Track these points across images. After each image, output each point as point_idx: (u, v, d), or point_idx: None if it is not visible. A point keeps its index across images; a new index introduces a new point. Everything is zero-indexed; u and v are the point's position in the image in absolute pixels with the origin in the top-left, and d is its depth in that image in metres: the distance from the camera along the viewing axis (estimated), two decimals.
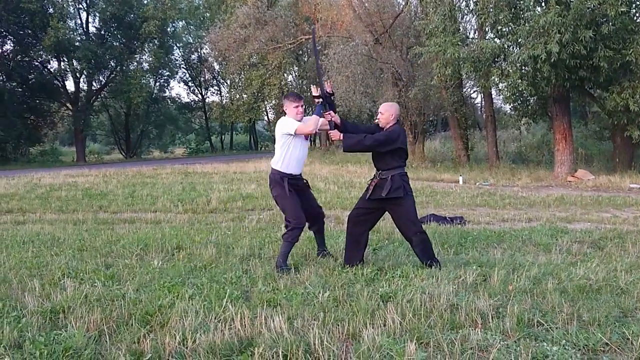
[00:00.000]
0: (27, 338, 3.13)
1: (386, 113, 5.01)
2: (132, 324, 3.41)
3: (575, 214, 8.85)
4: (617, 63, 12.85)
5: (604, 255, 5.54)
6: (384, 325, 3.38)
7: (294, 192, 5.11)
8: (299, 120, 5.15)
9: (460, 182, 14.43)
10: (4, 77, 32.74)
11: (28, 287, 4.26)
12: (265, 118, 47.69)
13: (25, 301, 3.87)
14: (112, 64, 36.84)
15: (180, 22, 44.44)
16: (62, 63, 34.86)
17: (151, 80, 41.30)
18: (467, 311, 3.60)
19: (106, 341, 3.12)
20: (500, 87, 16.08)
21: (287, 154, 5.14)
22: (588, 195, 11.16)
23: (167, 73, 43.00)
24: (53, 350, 2.95)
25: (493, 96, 21.43)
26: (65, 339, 3.10)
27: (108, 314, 3.57)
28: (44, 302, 3.87)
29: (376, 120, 5.12)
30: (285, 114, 5.31)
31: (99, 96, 38.95)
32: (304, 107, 5.39)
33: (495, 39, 14.67)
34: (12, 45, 33.15)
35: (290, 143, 5.13)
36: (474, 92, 32.58)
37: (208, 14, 41.93)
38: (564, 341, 3.12)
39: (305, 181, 5.39)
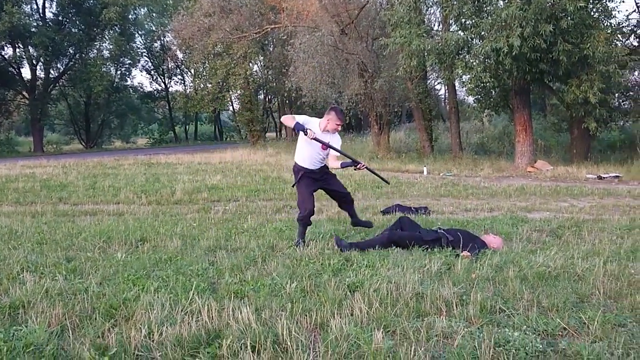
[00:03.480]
0: None
1: None
2: (95, 318, 3.34)
3: (534, 203, 9.11)
4: (575, 57, 13.23)
5: (562, 243, 5.72)
6: (351, 315, 3.41)
7: (307, 180, 5.74)
8: (324, 131, 5.60)
9: (425, 173, 14.65)
10: None
11: None
12: (230, 108, 47.19)
13: None
14: (71, 51, 35.75)
15: (142, 9, 43.39)
16: (17, 49, 33.60)
17: (112, 68, 40.32)
18: (432, 299, 3.68)
19: (69, 336, 3.05)
20: (463, 79, 16.35)
21: (299, 150, 5.79)
22: (547, 186, 11.50)
23: (129, 61, 42.07)
24: (13, 346, 2.87)
25: (457, 88, 21.76)
26: (25, 334, 3.01)
27: (70, 309, 3.48)
28: (2, 297, 3.76)
29: None
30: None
31: (57, 84, 37.76)
32: (339, 129, 5.72)
33: (459, 32, 14.87)
34: None
35: (301, 141, 5.73)
36: (438, 84, 33.09)
37: (171, 1, 41.05)
38: (525, 327, 3.22)
39: (324, 173, 5.87)
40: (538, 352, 2.90)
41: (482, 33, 13.42)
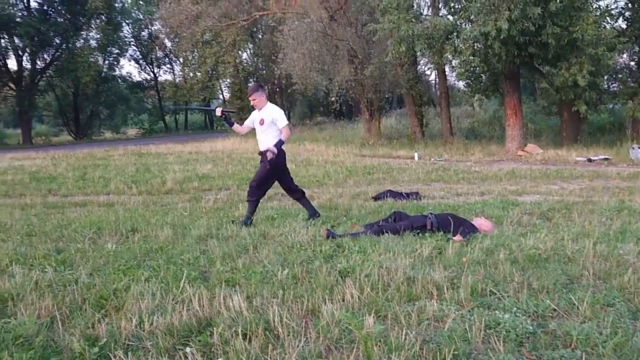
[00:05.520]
0: None
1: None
2: (86, 309, 3.32)
3: (525, 186, 9.15)
4: (564, 40, 13.22)
5: (552, 226, 5.75)
6: (343, 300, 3.41)
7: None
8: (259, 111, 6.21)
9: (416, 158, 14.67)
10: None
11: None
12: (221, 97, 46.91)
13: None
14: (57, 41, 35.25)
15: None
16: (2, 40, 33.08)
17: (99, 58, 39.80)
18: (423, 283, 3.68)
19: (58, 327, 3.03)
20: (453, 64, 16.31)
21: None
22: (537, 169, 11.55)
23: (117, 51, 41.56)
24: (2, 339, 2.85)
25: (447, 73, 21.74)
26: (14, 327, 2.99)
27: (60, 300, 3.46)
28: None
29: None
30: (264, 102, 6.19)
31: (44, 75, 37.25)
32: (254, 103, 6.19)
33: (449, 16, 14.81)
34: None
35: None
36: (429, 69, 33.01)
37: None
38: (515, 308, 3.24)
39: (261, 156, 6.19)
40: (528, 334, 2.92)
41: (471, 17, 13.37)
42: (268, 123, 6.05)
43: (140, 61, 47.25)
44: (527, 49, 13.74)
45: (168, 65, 48.79)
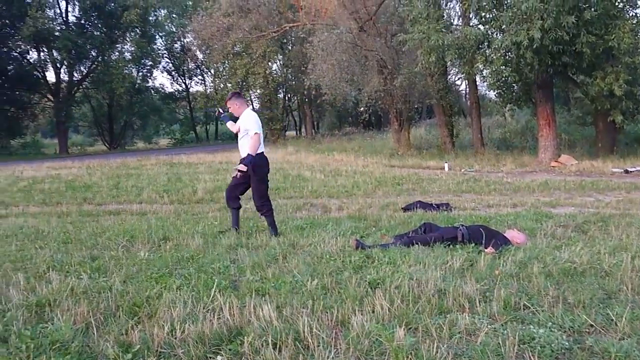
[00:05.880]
0: (12, 332, 3.09)
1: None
2: (119, 316, 3.38)
3: (559, 198, 8.95)
4: (599, 48, 12.95)
5: (588, 239, 5.60)
6: (373, 312, 3.39)
7: None
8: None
9: (446, 169, 14.52)
10: None
11: (12, 281, 4.20)
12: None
13: (9, 295, 3.82)
14: (93, 54, 36.32)
15: (163, 11, 43.86)
16: (41, 53, 34.32)
17: (134, 70, 40.81)
18: (455, 296, 3.63)
19: (93, 333, 3.09)
20: (484, 74, 16.15)
21: None
22: (571, 180, 11.29)
23: (150, 63, 42.51)
24: (40, 343, 2.92)
25: (477, 83, 21.51)
26: (51, 332, 3.07)
27: (95, 306, 3.53)
28: (29, 296, 3.82)
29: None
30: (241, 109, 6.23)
31: (81, 87, 38.42)
32: (232, 110, 6.32)
33: (479, 26, 14.69)
34: None
35: None
36: (459, 79, 32.72)
37: (191, 2, 41.40)
38: (550, 323, 3.16)
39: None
40: (564, 349, 2.85)
41: (503, 26, 13.23)
42: (243, 130, 6.11)
43: (173, 73, 48.22)
44: (561, 58, 13.50)
45: (199, 77, 49.66)
